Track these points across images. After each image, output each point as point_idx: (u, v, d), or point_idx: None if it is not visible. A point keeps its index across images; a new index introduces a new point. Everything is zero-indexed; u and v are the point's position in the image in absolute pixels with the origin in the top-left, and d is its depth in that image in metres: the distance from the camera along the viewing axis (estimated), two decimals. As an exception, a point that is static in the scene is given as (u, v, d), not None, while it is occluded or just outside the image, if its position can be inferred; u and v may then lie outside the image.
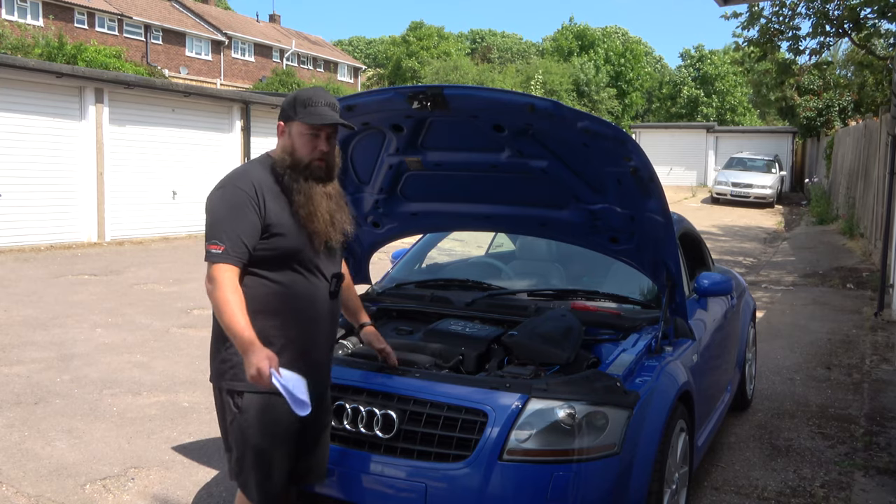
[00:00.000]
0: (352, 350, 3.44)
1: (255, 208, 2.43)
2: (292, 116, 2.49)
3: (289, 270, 2.50)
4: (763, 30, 14.03)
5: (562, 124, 2.86)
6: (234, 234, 2.40)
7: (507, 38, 63.73)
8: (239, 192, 2.44)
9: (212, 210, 2.47)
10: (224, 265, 2.39)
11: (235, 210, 2.42)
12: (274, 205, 2.47)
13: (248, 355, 2.32)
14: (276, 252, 2.47)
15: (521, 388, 2.77)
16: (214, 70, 40.60)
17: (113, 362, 5.93)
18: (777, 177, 25.24)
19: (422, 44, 49.48)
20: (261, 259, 2.46)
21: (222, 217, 2.43)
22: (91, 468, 3.97)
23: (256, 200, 2.44)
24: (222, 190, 2.48)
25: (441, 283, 4.12)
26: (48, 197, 12.21)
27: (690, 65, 50.14)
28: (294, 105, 2.50)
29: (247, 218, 2.42)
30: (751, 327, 5.27)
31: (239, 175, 2.51)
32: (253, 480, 2.52)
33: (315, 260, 2.54)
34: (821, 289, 10.18)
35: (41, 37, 25.30)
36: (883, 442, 4.56)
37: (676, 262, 3.29)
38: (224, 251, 2.39)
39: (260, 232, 2.44)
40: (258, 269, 2.47)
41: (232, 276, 2.40)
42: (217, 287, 2.37)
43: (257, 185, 2.46)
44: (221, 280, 2.38)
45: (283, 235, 2.46)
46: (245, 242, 2.41)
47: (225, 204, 2.44)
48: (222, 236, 2.40)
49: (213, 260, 2.40)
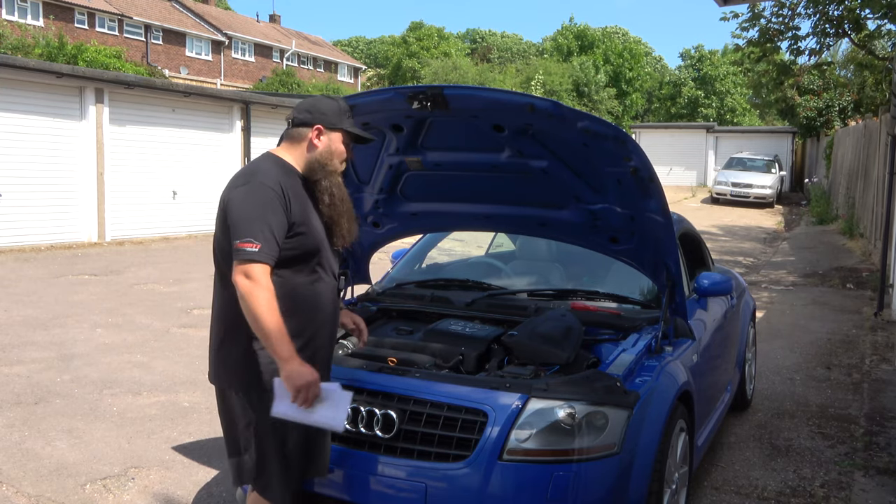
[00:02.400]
0: (352, 350, 3.44)
1: (283, 207, 2.43)
2: (337, 125, 2.57)
3: (308, 270, 2.52)
4: (763, 30, 14.03)
5: (562, 124, 2.86)
6: (269, 231, 2.37)
7: (507, 38, 63.71)
8: (268, 190, 2.42)
9: (241, 207, 2.40)
10: (262, 265, 2.35)
11: (266, 207, 2.39)
12: (296, 204, 2.48)
13: (291, 366, 2.33)
14: (298, 251, 2.47)
15: (521, 388, 2.77)
16: (214, 70, 40.61)
17: (113, 362, 5.93)
18: (777, 177, 25.25)
19: (422, 44, 49.47)
20: (283, 259, 2.44)
21: (255, 214, 2.38)
22: (91, 468, 3.98)
23: (284, 199, 2.44)
24: (248, 187, 2.44)
25: (441, 283, 4.12)
26: (48, 197, 12.22)
27: (690, 65, 50.15)
28: (340, 114, 2.59)
29: (277, 216, 2.41)
30: (751, 327, 5.27)
31: (263, 173, 2.48)
32: (276, 480, 2.52)
33: (330, 259, 2.58)
34: (821, 289, 10.18)
35: (41, 37, 25.30)
36: (883, 442, 4.56)
37: (676, 262, 3.29)
38: (261, 249, 2.34)
39: (286, 230, 2.44)
40: (279, 268, 2.44)
41: (269, 279, 2.36)
42: (259, 287, 2.32)
43: (283, 184, 2.47)
44: (262, 281, 2.33)
45: (305, 234, 2.48)
46: (277, 240, 2.40)
47: (256, 201, 2.40)
48: (258, 234, 2.35)
49: (250, 258, 2.34)
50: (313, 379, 2.36)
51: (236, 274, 2.35)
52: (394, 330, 3.64)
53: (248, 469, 2.54)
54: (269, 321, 2.31)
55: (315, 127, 2.56)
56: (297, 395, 2.36)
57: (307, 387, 2.35)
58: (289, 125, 2.63)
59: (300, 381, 2.34)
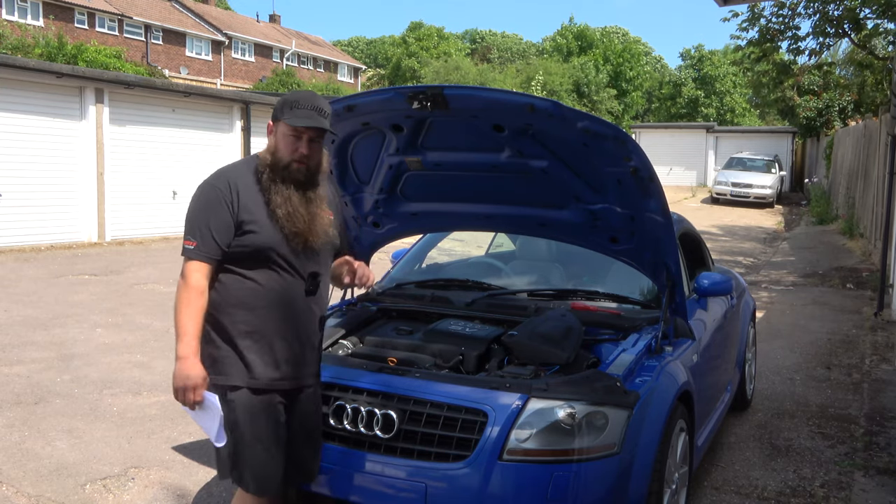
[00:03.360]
0: (352, 350, 3.44)
1: (227, 206, 2.49)
2: (279, 116, 2.54)
3: (264, 268, 2.53)
4: (763, 30, 14.04)
5: (562, 124, 2.86)
6: (206, 230, 2.47)
7: (507, 39, 63.69)
8: (213, 190, 2.52)
9: (190, 207, 2.55)
10: (195, 262, 2.48)
11: (208, 207, 2.50)
12: (249, 202, 2.51)
13: (179, 364, 2.42)
14: (249, 249, 2.51)
15: (521, 388, 2.78)
16: (214, 70, 40.60)
17: (113, 362, 5.93)
18: (777, 177, 25.24)
19: (421, 44, 49.47)
20: (236, 256, 2.51)
21: (196, 214, 2.51)
22: (91, 468, 3.98)
23: (230, 198, 2.50)
24: (199, 189, 2.56)
25: (441, 283, 4.12)
26: (48, 197, 12.21)
27: (690, 65, 50.14)
28: (282, 105, 2.55)
29: (219, 215, 2.48)
30: (751, 327, 5.27)
31: (217, 174, 2.59)
32: (249, 472, 2.53)
33: (291, 258, 2.55)
34: (821, 289, 10.18)
35: (41, 37, 25.29)
36: (883, 442, 4.56)
37: (676, 262, 3.29)
38: (196, 247, 2.48)
39: (233, 229, 2.49)
40: (234, 265, 2.53)
41: (200, 276, 2.48)
42: (184, 285, 2.47)
43: (233, 184, 2.52)
44: (190, 278, 2.47)
45: (255, 233, 2.50)
46: (216, 239, 2.48)
47: (200, 202, 2.53)
48: (196, 233, 2.49)
49: (186, 255, 2.49)
50: (191, 384, 2.42)
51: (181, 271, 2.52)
52: (394, 330, 3.64)
53: (223, 461, 2.58)
54: (180, 317, 2.45)
55: (268, 123, 2.62)
56: (175, 393, 2.45)
57: (183, 390, 2.43)
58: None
59: (178, 382, 2.43)
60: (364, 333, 3.63)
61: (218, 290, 2.52)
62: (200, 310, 2.46)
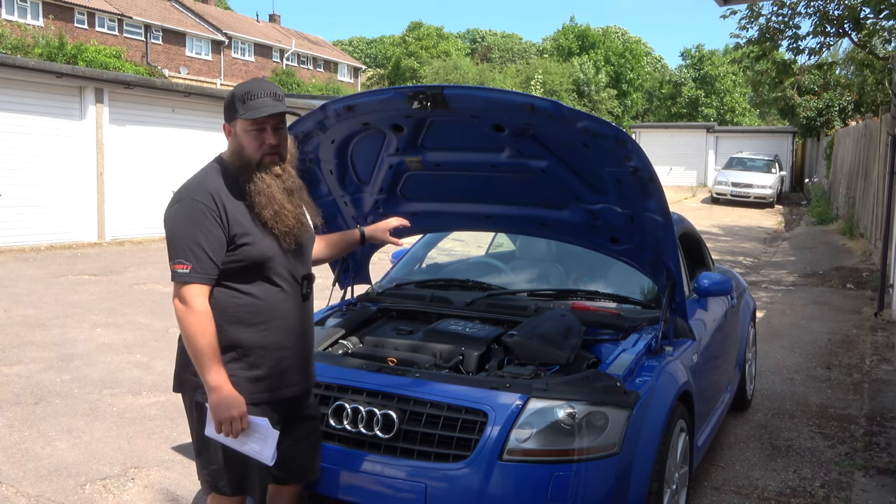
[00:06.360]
0: (352, 350, 3.44)
1: (216, 220, 2.31)
2: (234, 115, 2.36)
3: (260, 281, 2.40)
4: (763, 29, 14.03)
5: (562, 124, 2.86)
6: (200, 250, 2.29)
7: (507, 38, 63.69)
8: (197, 205, 2.31)
9: (171, 227, 2.34)
10: (195, 286, 2.29)
11: (196, 225, 2.30)
12: (235, 212, 2.35)
13: (217, 395, 2.27)
14: (244, 262, 2.36)
15: (521, 388, 2.77)
16: (214, 70, 40.60)
17: (113, 362, 5.93)
18: (777, 177, 25.24)
19: (421, 44, 49.47)
20: (230, 271, 2.36)
21: (184, 233, 2.30)
22: (91, 468, 3.97)
23: (217, 211, 2.32)
24: (179, 204, 2.35)
25: (441, 283, 4.12)
26: (48, 197, 12.21)
27: (691, 65, 50.13)
28: (233, 102, 2.37)
29: (210, 232, 2.30)
30: (751, 327, 5.27)
31: (194, 186, 2.38)
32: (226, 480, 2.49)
33: (286, 264, 2.44)
34: (821, 289, 10.18)
35: (41, 37, 25.32)
36: (883, 442, 4.56)
37: (676, 262, 3.29)
38: (192, 270, 2.28)
39: (226, 244, 2.33)
40: (228, 281, 2.37)
41: (204, 300, 2.30)
42: (191, 311, 2.28)
43: (215, 195, 2.34)
44: (194, 304, 2.28)
45: (250, 245, 2.36)
46: (212, 258, 2.31)
47: (184, 219, 2.32)
48: (188, 254, 2.28)
49: (182, 280, 2.29)
50: (238, 414, 2.29)
51: (173, 296, 2.34)
52: (394, 330, 3.63)
53: (202, 474, 2.54)
54: (198, 346, 2.27)
55: (223, 125, 2.47)
56: (219, 426, 2.31)
57: (230, 420, 2.29)
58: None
59: (224, 415, 2.29)
60: (364, 333, 3.63)
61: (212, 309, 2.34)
62: (214, 334, 2.29)
